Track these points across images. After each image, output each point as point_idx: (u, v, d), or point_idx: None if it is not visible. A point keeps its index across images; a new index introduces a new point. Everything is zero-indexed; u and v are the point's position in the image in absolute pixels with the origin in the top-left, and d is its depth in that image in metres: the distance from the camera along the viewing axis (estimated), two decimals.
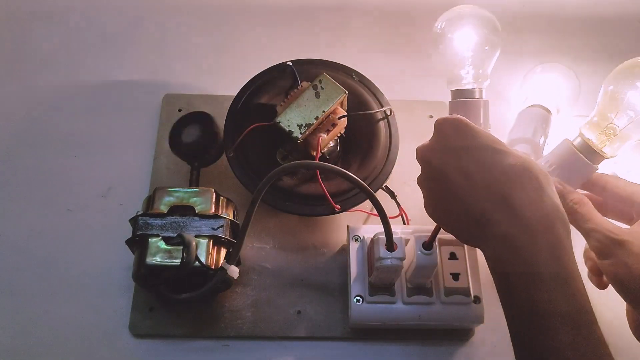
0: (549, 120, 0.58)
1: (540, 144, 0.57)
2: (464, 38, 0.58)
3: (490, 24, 0.58)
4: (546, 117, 0.58)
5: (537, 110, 0.59)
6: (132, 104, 0.65)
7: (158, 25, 0.71)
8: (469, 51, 0.58)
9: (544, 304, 0.36)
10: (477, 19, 0.58)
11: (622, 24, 0.74)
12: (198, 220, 0.50)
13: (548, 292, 0.36)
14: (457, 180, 0.40)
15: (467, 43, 0.58)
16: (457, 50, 0.58)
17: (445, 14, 0.60)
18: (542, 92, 0.62)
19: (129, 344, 0.53)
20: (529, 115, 0.59)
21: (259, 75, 0.58)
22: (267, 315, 0.54)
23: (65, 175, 0.61)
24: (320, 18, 0.73)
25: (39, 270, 0.56)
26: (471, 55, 0.58)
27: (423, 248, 0.47)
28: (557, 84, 0.62)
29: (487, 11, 0.59)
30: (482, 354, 0.53)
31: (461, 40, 0.58)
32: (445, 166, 0.41)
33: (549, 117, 0.59)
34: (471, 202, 0.39)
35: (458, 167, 0.40)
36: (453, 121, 0.42)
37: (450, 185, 0.40)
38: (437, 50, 0.60)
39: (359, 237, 0.53)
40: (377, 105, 0.57)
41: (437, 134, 0.43)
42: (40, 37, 0.70)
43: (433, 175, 0.43)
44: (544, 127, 0.58)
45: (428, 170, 0.43)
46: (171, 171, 0.60)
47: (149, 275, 0.48)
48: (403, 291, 0.51)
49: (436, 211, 0.44)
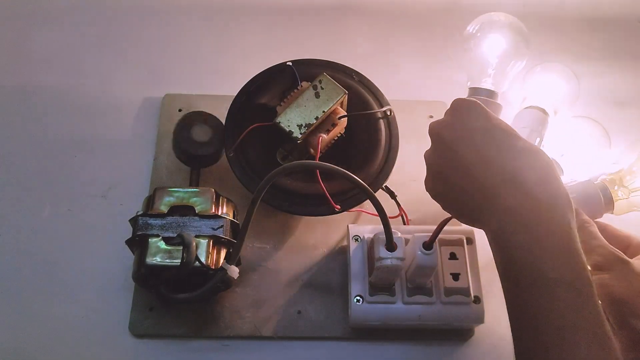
0: (545, 121, 0.59)
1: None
2: (494, 44, 0.60)
3: (522, 36, 0.60)
4: (542, 118, 0.59)
5: (533, 112, 0.59)
6: (132, 104, 0.65)
7: (158, 25, 0.71)
8: (495, 57, 0.59)
9: (548, 272, 0.36)
10: (510, 29, 0.61)
11: (622, 24, 0.74)
12: (198, 220, 0.50)
13: (552, 261, 0.36)
14: (468, 156, 0.41)
15: (496, 49, 0.60)
16: (485, 54, 0.60)
17: (481, 18, 0.62)
18: (541, 92, 0.62)
19: (129, 344, 0.53)
20: (525, 117, 0.59)
21: (259, 75, 0.58)
22: (267, 315, 0.54)
23: (65, 175, 0.61)
24: (321, 18, 0.73)
25: (39, 270, 0.56)
26: (497, 62, 0.60)
27: (423, 248, 0.47)
28: (556, 84, 0.62)
29: (522, 24, 0.61)
30: (482, 354, 0.53)
31: (491, 46, 0.60)
32: (458, 142, 0.42)
33: (546, 118, 0.59)
34: (480, 176, 0.40)
35: (471, 144, 0.41)
36: (470, 102, 0.44)
37: (460, 160, 0.41)
38: (465, 49, 0.62)
39: (359, 237, 0.53)
40: (377, 105, 0.57)
41: (452, 112, 0.44)
42: (40, 37, 0.70)
43: (443, 149, 0.43)
44: (540, 129, 0.58)
45: (439, 145, 0.44)
46: (171, 171, 0.60)
47: (149, 275, 0.48)
48: (403, 291, 0.51)
49: (437, 186, 0.45)
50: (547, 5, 0.75)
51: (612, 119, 0.61)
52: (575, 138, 0.59)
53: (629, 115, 0.67)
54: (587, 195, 0.54)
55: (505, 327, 0.39)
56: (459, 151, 0.41)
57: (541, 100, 0.60)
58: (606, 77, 0.70)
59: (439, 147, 0.44)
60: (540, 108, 0.59)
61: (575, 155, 0.58)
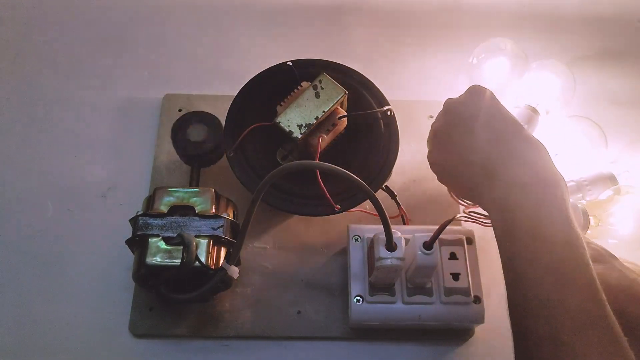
0: (534, 120, 0.59)
1: None
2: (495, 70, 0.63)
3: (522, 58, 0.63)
4: (531, 117, 0.59)
5: (522, 112, 0.59)
6: (132, 104, 0.65)
7: (158, 25, 0.71)
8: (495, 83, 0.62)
9: (546, 230, 0.39)
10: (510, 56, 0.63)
11: (622, 24, 0.74)
12: (198, 220, 0.50)
13: (551, 223, 0.39)
14: (480, 133, 0.45)
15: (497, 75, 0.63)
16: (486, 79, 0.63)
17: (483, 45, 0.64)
18: (534, 90, 0.62)
19: (129, 344, 0.53)
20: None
21: (259, 75, 0.58)
22: (267, 315, 0.54)
23: (65, 175, 0.61)
24: (321, 18, 0.73)
25: (39, 270, 0.56)
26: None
27: (424, 248, 0.47)
28: (551, 82, 0.62)
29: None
30: (482, 354, 0.53)
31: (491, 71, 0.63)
32: (472, 119, 0.46)
33: (535, 117, 0.59)
34: (487, 151, 0.44)
35: (484, 122, 0.46)
36: (486, 89, 0.48)
37: (470, 134, 0.46)
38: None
39: (359, 237, 0.53)
40: (377, 105, 0.57)
41: (469, 94, 0.49)
42: (40, 37, 0.70)
43: (456, 123, 0.48)
44: (528, 127, 0.58)
45: (452, 119, 0.48)
46: (171, 171, 0.60)
47: (149, 275, 0.48)
48: (403, 291, 0.51)
49: (441, 154, 0.49)
50: (546, 5, 0.75)
51: (610, 119, 0.61)
52: (570, 137, 0.59)
53: (628, 116, 0.67)
54: (573, 208, 0.54)
55: (506, 327, 0.39)
56: (473, 126, 0.46)
57: (534, 98, 0.61)
58: (606, 77, 0.70)
59: (451, 120, 0.48)
60: (530, 107, 0.60)
61: (569, 155, 0.59)
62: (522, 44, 0.69)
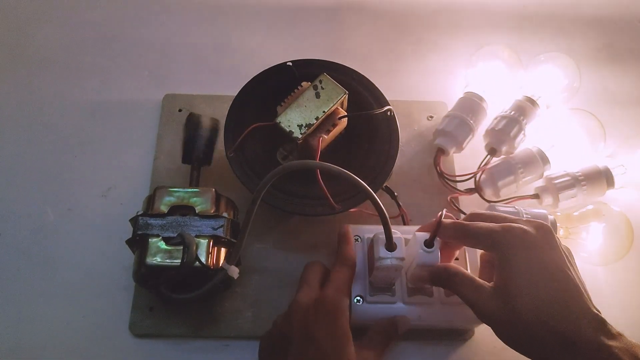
0: (530, 112, 0.59)
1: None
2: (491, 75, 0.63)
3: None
4: (528, 108, 0.59)
5: (519, 103, 0.60)
6: (132, 104, 0.65)
7: (158, 25, 0.71)
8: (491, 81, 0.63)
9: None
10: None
11: (622, 24, 0.74)
12: (198, 220, 0.50)
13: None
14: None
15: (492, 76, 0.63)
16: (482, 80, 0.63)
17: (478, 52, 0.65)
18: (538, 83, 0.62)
19: (129, 344, 0.53)
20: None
21: (259, 75, 0.58)
22: (267, 315, 0.54)
23: (65, 175, 0.61)
24: (321, 18, 0.73)
25: (39, 270, 0.56)
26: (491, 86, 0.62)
27: (424, 246, 0.47)
28: (554, 75, 0.62)
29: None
30: (482, 354, 0.53)
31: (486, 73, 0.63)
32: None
33: (533, 109, 0.59)
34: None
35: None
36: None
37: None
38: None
39: (359, 237, 0.53)
40: (377, 105, 0.57)
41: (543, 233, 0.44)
42: (40, 37, 0.70)
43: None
44: (524, 119, 0.59)
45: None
46: (171, 171, 0.60)
47: (149, 275, 0.48)
48: (403, 291, 0.51)
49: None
50: (547, 5, 0.75)
51: (610, 119, 0.61)
52: (567, 129, 0.59)
53: (628, 116, 0.67)
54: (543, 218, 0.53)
55: None
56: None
57: (537, 91, 0.61)
58: (606, 77, 0.70)
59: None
60: (528, 98, 0.60)
61: (565, 147, 0.58)
62: (522, 45, 0.69)
